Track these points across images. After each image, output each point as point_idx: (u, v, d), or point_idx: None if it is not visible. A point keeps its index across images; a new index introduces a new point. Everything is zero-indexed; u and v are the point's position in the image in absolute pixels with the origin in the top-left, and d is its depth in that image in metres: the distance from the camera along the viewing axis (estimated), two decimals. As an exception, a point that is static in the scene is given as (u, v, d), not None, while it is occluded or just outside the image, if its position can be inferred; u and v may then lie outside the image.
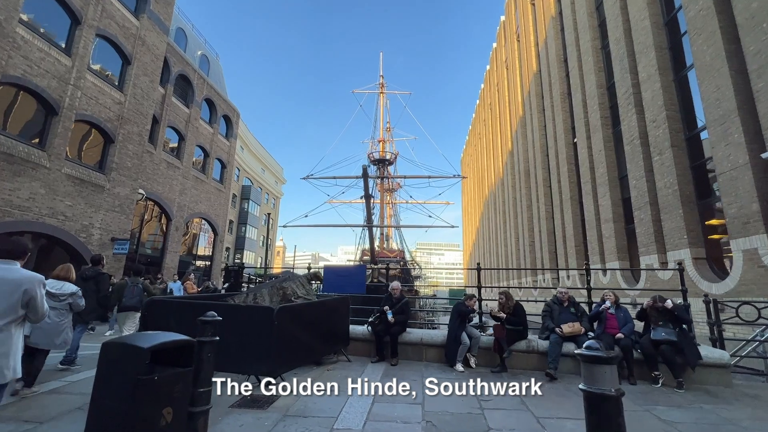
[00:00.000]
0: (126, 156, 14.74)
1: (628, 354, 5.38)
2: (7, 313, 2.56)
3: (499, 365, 5.83)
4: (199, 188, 23.65)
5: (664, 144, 10.59)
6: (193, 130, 22.82)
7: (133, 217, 15.53)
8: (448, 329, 6.30)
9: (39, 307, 2.74)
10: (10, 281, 2.63)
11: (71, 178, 12.38)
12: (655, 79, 10.99)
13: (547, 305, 6.21)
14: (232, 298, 5.93)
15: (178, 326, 5.28)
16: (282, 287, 6.16)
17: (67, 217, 12.28)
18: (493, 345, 5.97)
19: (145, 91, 15.77)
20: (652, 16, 11.37)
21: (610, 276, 13.48)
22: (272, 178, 53.28)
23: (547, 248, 20.48)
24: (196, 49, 25.80)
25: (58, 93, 12.03)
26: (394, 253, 26.69)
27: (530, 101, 24.12)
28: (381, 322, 6.50)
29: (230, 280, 8.47)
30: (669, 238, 10.40)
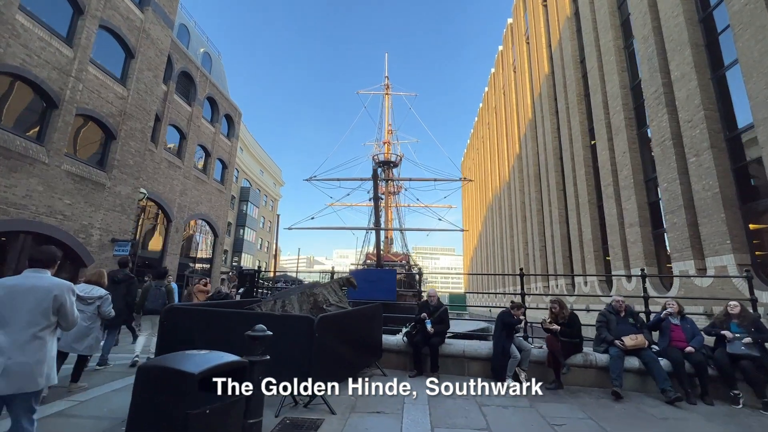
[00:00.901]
0: (128, 153, 14.08)
1: (702, 371, 4.87)
2: (39, 320, 2.58)
3: (554, 381, 5.29)
4: (200, 189, 22.99)
5: (702, 145, 10.19)
6: (195, 129, 22.19)
7: (134, 218, 14.85)
8: (493, 341, 5.76)
9: (69, 314, 2.73)
10: (41, 289, 2.64)
11: (71, 175, 11.71)
12: (691, 77, 10.60)
13: (603, 315, 5.69)
14: (258, 305, 5.35)
15: (201, 337, 4.70)
16: (313, 293, 5.60)
17: (66, 217, 11.59)
18: (546, 359, 5.44)
19: (149, 87, 15.15)
20: (686, 12, 11.01)
21: (635, 283, 13.05)
22: (271, 180, 52.63)
23: (561, 253, 20.03)
24: (199, 46, 25.22)
25: (58, 85, 11.38)
26: (399, 257, 26.17)
27: (541, 104, 23.79)
28: (418, 333, 5.95)
29: (245, 285, 7.86)
30: (708, 243, 9.98)
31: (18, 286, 2.61)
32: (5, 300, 2.53)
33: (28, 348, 2.49)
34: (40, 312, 2.58)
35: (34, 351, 2.51)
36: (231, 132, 27.42)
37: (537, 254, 23.94)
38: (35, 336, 2.54)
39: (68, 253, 11.89)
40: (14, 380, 2.41)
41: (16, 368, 2.42)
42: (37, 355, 2.52)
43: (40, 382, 2.51)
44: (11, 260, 10.82)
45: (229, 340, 4.42)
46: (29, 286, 2.62)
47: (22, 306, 2.55)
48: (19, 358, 2.45)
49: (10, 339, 2.46)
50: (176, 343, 4.53)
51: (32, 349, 2.51)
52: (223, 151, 26.11)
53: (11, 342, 2.46)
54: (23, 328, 2.51)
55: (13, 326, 2.50)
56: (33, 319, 2.55)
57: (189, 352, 2.53)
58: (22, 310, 2.54)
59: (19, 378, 2.42)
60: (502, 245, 33.30)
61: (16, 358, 2.43)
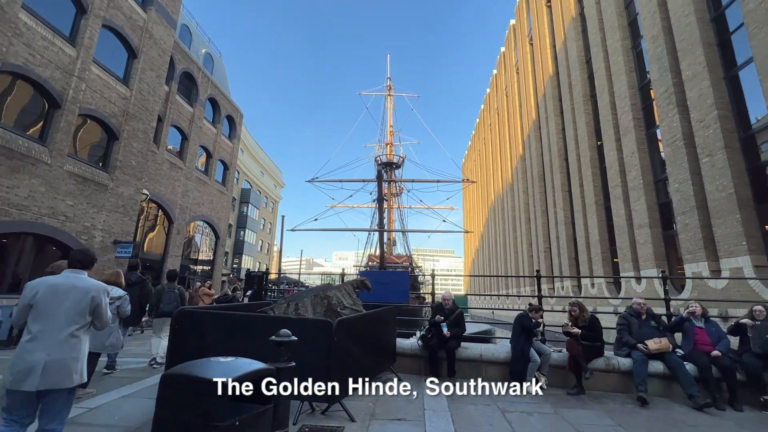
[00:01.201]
0: (130, 154, 13.93)
1: (731, 375, 4.72)
2: (77, 319, 2.69)
3: (576, 386, 5.15)
4: (202, 190, 22.83)
5: (716, 145, 10.07)
6: (197, 130, 22.05)
7: (136, 219, 14.69)
8: (511, 345, 5.62)
9: (104, 314, 2.86)
10: (80, 289, 2.75)
11: (73, 175, 11.55)
12: (703, 77, 10.50)
13: (623, 318, 5.54)
14: (271, 308, 5.20)
15: (215, 341, 4.54)
16: (327, 296, 5.45)
17: (68, 218, 11.43)
18: (567, 363, 5.29)
19: (152, 87, 15.01)
20: (697, 11, 10.92)
21: (645, 284, 12.90)
22: (271, 182, 52.48)
23: (567, 255, 19.88)
24: (200, 47, 25.12)
25: (61, 84, 11.24)
26: (402, 258, 26.00)
27: (545, 105, 23.68)
28: (434, 336, 5.81)
29: (253, 287, 7.71)
30: (722, 244, 9.85)
31: (59, 285, 2.71)
32: (47, 297, 2.63)
33: (65, 345, 2.59)
34: (78, 311, 2.69)
35: (70, 348, 2.60)
36: (232, 133, 27.30)
37: (542, 256, 23.79)
38: (72, 334, 2.64)
39: (70, 254, 11.73)
40: (51, 376, 2.49)
41: (54, 365, 2.50)
42: (73, 353, 2.61)
43: (75, 379, 2.61)
44: (13, 262, 10.66)
45: (245, 345, 4.28)
46: (69, 286, 2.72)
47: (62, 305, 2.65)
48: (57, 355, 2.53)
49: (48, 336, 2.55)
50: (188, 347, 4.39)
51: (69, 347, 2.60)
52: (225, 152, 25.98)
53: (50, 339, 2.55)
54: (62, 326, 2.61)
55: (52, 323, 2.59)
56: (71, 317, 2.65)
57: (214, 359, 2.39)
58: (61, 309, 2.64)
59: (56, 374, 2.50)
60: (505, 247, 33.14)
61: (54, 355, 2.52)
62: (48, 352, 2.51)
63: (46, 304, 2.61)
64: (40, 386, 2.45)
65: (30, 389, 2.44)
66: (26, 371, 2.44)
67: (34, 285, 2.70)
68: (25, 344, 2.53)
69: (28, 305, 2.62)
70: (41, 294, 2.64)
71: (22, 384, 2.43)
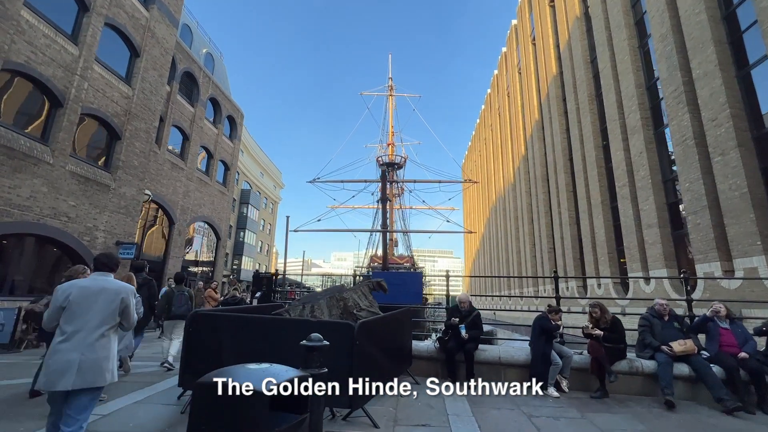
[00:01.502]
0: (133, 154, 13.76)
1: (759, 378, 4.62)
2: (108, 319, 2.78)
3: (599, 389, 5.03)
4: (203, 191, 22.66)
5: (728, 144, 10.00)
6: (198, 130, 21.89)
7: (138, 220, 14.51)
8: (531, 347, 5.50)
9: (131, 315, 2.94)
10: (110, 291, 2.84)
11: (75, 176, 11.38)
12: (715, 75, 10.43)
13: (645, 319, 5.44)
14: (286, 310, 5.06)
15: (231, 345, 4.40)
16: (342, 298, 5.31)
17: (71, 219, 11.25)
18: (590, 366, 5.18)
19: (154, 86, 14.85)
20: (708, 9, 10.85)
21: (654, 285, 12.80)
22: (271, 183, 52.27)
23: (572, 255, 19.78)
24: (201, 47, 24.97)
25: (63, 83, 11.08)
26: (405, 259, 25.89)
27: (549, 105, 23.60)
28: (451, 338, 5.68)
29: (261, 289, 7.56)
30: (735, 244, 9.77)
31: (89, 287, 2.79)
32: (78, 299, 2.70)
33: (98, 345, 2.67)
34: (109, 312, 2.78)
35: (102, 348, 2.69)
36: (233, 133, 27.15)
37: (545, 256, 23.68)
38: (103, 334, 2.72)
39: (72, 256, 11.55)
40: (86, 375, 2.56)
41: (88, 364, 2.58)
42: (105, 352, 2.70)
43: (107, 377, 2.70)
44: (14, 264, 10.48)
45: (264, 349, 4.14)
46: (99, 288, 2.81)
47: (93, 306, 2.73)
48: (90, 354, 2.61)
49: (82, 336, 2.63)
50: (203, 351, 4.25)
51: (101, 347, 2.69)
52: (226, 152, 25.82)
53: (83, 339, 2.63)
54: (94, 327, 2.69)
55: (85, 324, 2.67)
56: (102, 318, 2.74)
57: (248, 366, 2.25)
58: (93, 310, 2.72)
59: (90, 373, 2.58)
60: (507, 247, 33.03)
61: (88, 355, 2.60)
62: (81, 351, 2.58)
63: (79, 306, 2.69)
64: (75, 385, 2.50)
65: (65, 388, 2.49)
66: (61, 371, 2.50)
67: (65, 288, 2.77)
68: (59, 345, 2.59)
69: (60, 308, 2.68)
70: (73, 296, 2.70)
71: (56, 384, 2.49)
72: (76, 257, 11.60)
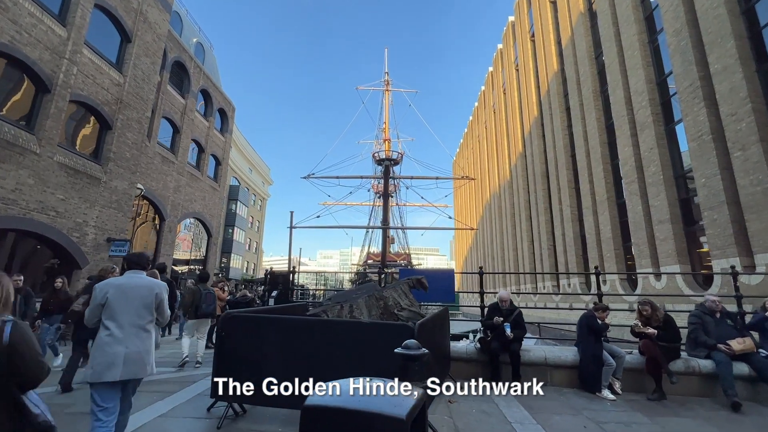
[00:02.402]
0: (124, 145, 12.97)
1: (826, 377, 4.44)
2: (146, 314, 2.89)
3: (656, 391, 4.76)
4: (194, 186, 21.80)
5: (750, 138, 9.98)
6: (189, 123, 21.00)
7: (131, 216, 13.71)
8: (579, 348, 5.21)
9: (165, 310, 3.06)
10: (144, 287, 2.94)
11: (64, 167, 10.59)
12: (735, 69, 10.39)
13: (696, 317, 5.21)
14: (323, 311, 4.63)
15: (273, 350, 3.94)
16: (382, 297, 4.92)
17: (59, 213, 10.46)
18: (645, 366, 4.92)
19: (146, 74, 14.05)
20: (727, 3, 10.80)
21: (666, 281, 12.81)
22: (260, 179, 51.17)
23: (575, 252, 19.80)
24: (191, 36, 23.98)
25: (50, 67, 10.27)
26: (401, 256, 25.54)
27: (549, 101, 23.56)
28: (494, 339, 5.35)
29: (278, 287, 7.08)
30: (757, 239, 9.76)
31: (125, 284, 2.89)
32: (117, 297, 2.81)
33: (139, 339, 2.80)
34: (146, 307, 2.89)
35: (142, 341, 2.82)
36: (224, 127, 26.27)
37: (545, 253, 23.70)
38: (143, 328, 2.85)
39: (61, 254, 10.78)
40: (131, 367, 2.69)
41: (133, 356, 2.71)
42: (146, 345, 2.84)
43: (148, 369, 2.83)
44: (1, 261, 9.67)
45: (311, 354, 3.72)
46: (134, 285, 2.91)
47: (132, 302, 2.83)
48: (133, 347, 2.74)
49: (125, 331, 2.75)
50: (239, 357, 3.80)
51: (141, 340, 2.81)
52: (217, 146, 24.95)
53: (126, 333, 2.75)
54: (134, 321, 2.81)
55: (126, 319, 2.78)
56: (141, 313, 2.86)
57: (352, 382, 1.84)
58: (131, 306, 2.83)
59: (134, 365, 2.71)
60: (503, 244, 33.04)
61: (131, 348, 2.72)
62: (126, 345, 2.71)
63: (118, 303, 2.79)
64: (123, 376, 2.63)
65: (113, 379, 2.60)
66: (108, 363, 2.61)
67: (102, 287, 2.85)
68: (104, 338, 2.69)
69: (100, 305, 2.78)
70: (112, 294, 2.80)
71: (104, 375, 2.58)
72: (64, 255, 10.83)
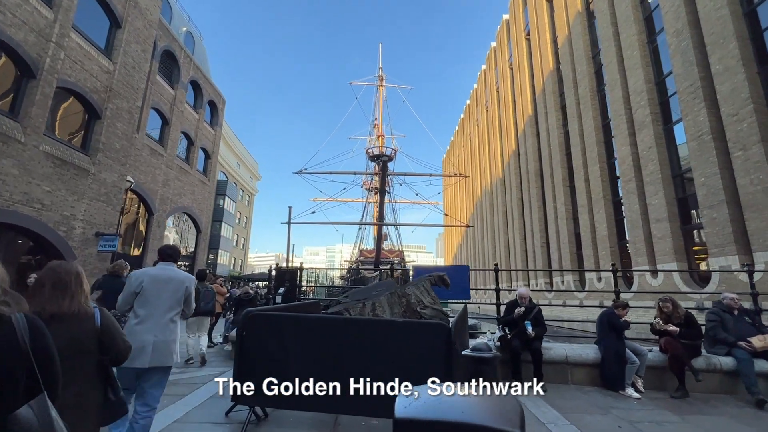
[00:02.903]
0: (114, 136, 12.41)
1: None
2: (175, 305, 3.00)
3: (679, 389, 4.74)
4: (183, 180, 21.17)
5: (751, 139, 10.17)
6: (178, 114, 20.36)
7: (120, 209, 13.15)
8: (601, 345, 5.16)
9: (192, 303, 3.17)
10: (176, 279, 3.05)
11: (51, 157, 10.05)
12: (737, 70, 10.57)
13: (714, 314, 5.21)
14: (346, 309, 4.44)
15: (299, 351, 3.73)
16: (405, 294, 4.75)
17: (45, 206, 9.93)
18: (668, 363, 4.89)
19: (137, 62, 13.47)
20: (730, 5, 10.98)
21: (662, 278, 13.03)
22: (247, 174, 50.26)
23: (569, 249, 20.01)
24: (181, 25, 23.20)
25: (36, 51, 9.71)
26: (395, 253, 25.41)
27: (545, 100, 23.70)
28: (514, 337, 5.25)
29: (284, 285, 6.85)
30: (756, 237, 9.97)
31: (159, 275, 2.99)
32: (150, 286, 2.91)
33: (167, 328, 2.89)
34: (176, 299, 3.00)
35: (170, 332, 2.91)
36: (214, 120, 25.62)
37: (538, 251, 23.90)
38: (171, 319, 2.95)
39: (47, 249, 10.23)
40: (158, 355, 2.77)
41: (160, 345, 2.80)
42: (173, 335, 2.93)
43: (174, 358, 2.91)
44: (-20, 257, 9.09)
45: (340, 355, 3.53)
46: (168, 277, 3.01)
47: (163, 293, 2.94)
48: (161, 336, 2.83)
49: (154, 320, 2.85)
50: (262, 358, 3.58)
51: (169, 330, 2.91)
52: (207, 140, 24.30)
53: (155, 323, 2.85)
54: (164, 311, 2.91)
55: (156, 309, 2.89)
56: (170, 304, 2.96)
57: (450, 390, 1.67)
58: (163, 296, 2.93)
59: (162, 353, 2.80)
60: (494, 241, 33.26)
61: (159, 336, 2.82)
62: (155, 333, 2.80)
63: (151, 292, 2.89)
64: (151, 363, 2.70)
65: (142, 366, 2.68)
66: (138, 350, 2.64)
67: (137, 275, 2.95)
68: (135, 326, 2.77)
69: (133, 293, 2.88)
70: (146, 283, 2.90)
71: (134, 361, 2.62)
72: (50, 250, 10.29)
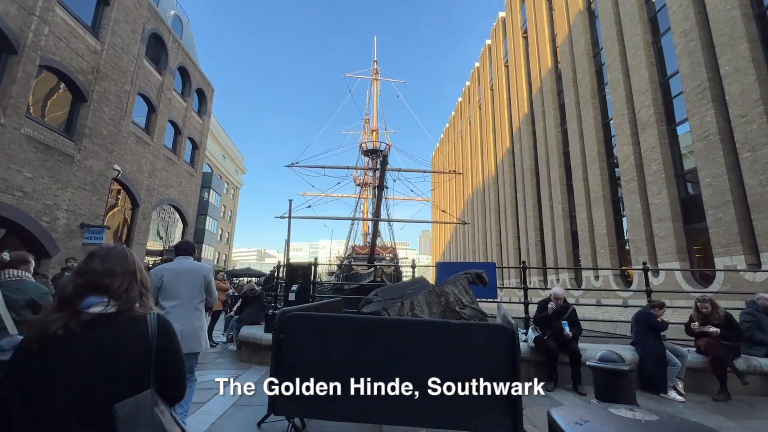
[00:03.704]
0: (101, 121, 11.62)
1: None
2: (197, 294, 3.19)
3: (722, 392, 4.60)
4: (170, 170, 20.27)
5: (760, 140, 10.26)
6: (166, 102, 19.43)
7: (107, 199, 12.37)
8: (638, 347, 4.98)
9: (214, 291, 3.34)
10: (194, 270, 3.24)
11: (33, 141, 9.28)
12: (747, 71, 10.64)
13: (749, 314, 5.11)
14: (384, 309, 4.10)
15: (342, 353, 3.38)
16: (444, 293, 4.45)
17: (26, 194, 9.17)
18: (709, 365, 4.75)
19: (126, 42, 12.66)
20: (741, 6, 11.07)
21: (664, 277, 13.17)
22: (233, 167, 49.02)
23: (564, 248, 20.14)
24: (169, 8, 22.14)
25: (18, 24, 8.90)
26: (387, 249, 25.10)
27: (542, 98, 23.74)
28: (551, 337, 5.02)
29: (297, 281, 6.43)
30: (764, 238, 10.08)
31: (177, 269, 3.14)
32: (171, 279, 3.06)
33: (193, 316, 3.04)
34: (197, 288, 3.14)
35: (196, 319, 3.07)
36: (202, 109, 24.68)
37: (532, 249, 24.03)
38: (196, 308, 3.10)
39: (29, 240, 9.46)
40: (187, 342, 2.85)
41: (188, 332, 2.92)
42: (199, 322, 3.10)
43: (202, 344, 3.09)
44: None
45: (386, 359, 3.20)
46: (186, 268, 3.17)
47: (184, 283, 3.08)
48: (189, 324, 2.96)
49: (180, 310, 2.98)
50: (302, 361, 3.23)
51: (195, 318, 3.05)
52: (195, 129, 23.36)
53: (182, 312, 2.98)
54: (188, 301, 3.05)
55: (181, 299, 3.03)
56: (193, 294, 3.10)
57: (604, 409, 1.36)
58: (184, 287, 3.07)
59: (191, 340, 2.94)
60: (486, 239, 33.38)
61: (186, 324, 2.94)
62: (182, 322, 2.88)
63: (172, 285, 3.04)
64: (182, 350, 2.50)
65: None
66: None
67: (157, 271, 3.13)
68: None
69: (156, 288, 3.02)
70: (166, 277, 3.06)
71: None
72: (31, 241, 9.52)
